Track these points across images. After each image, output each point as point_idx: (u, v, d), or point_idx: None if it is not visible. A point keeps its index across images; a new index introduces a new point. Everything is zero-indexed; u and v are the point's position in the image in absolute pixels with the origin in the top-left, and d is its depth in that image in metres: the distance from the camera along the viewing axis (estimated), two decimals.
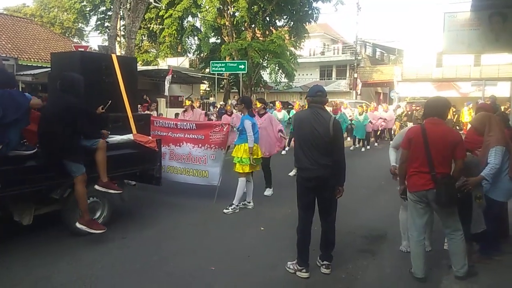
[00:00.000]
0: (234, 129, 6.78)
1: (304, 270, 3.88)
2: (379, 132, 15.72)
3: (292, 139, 9.15)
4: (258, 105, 7.16)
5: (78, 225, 4.46)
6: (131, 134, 5.27)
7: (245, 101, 6.27)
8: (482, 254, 4.19)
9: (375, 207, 6.56)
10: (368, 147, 14.28)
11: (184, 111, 9.76)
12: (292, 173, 8.91)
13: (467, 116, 18.12)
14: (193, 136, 6.53)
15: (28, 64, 17.59)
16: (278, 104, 13.64)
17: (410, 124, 16.72)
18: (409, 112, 17.12)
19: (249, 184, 6.21)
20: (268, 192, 7.12)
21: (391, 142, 5.01)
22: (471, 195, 3.93)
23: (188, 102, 9.89)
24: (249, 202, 6.22)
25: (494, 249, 4.21)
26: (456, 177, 3.70)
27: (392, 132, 16.18)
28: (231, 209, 5.94)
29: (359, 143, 14.09)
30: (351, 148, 13.54)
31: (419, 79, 29.44)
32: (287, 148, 11.64)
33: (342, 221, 4.49)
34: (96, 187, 4.65)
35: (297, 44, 26.21)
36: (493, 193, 4.04)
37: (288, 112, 13.91)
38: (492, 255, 4.16)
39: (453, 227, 3.75)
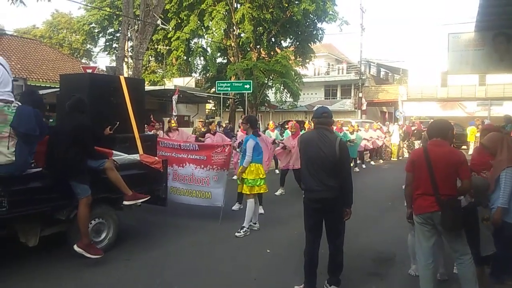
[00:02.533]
0: (237, 149, 6.78)
1: None
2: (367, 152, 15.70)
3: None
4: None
5: (76, 248, 4.40)
6: (138, 155, 5.29)
7: (250, 121, 6.25)
8: (493, 278, 4.08)
9: (382, 229, 6.47)
10: (364, 165, 14.22)
11: (168, 132, 9.06)
12: (278, 193, 8.87)
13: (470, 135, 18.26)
14: (196, 157, 6.54)
15: (37, 85, 17.84)
16: (271, 123, 13.57)
17: (417, 143, 16.71)
18: (415, 131, 17.09)
19: (255, 205, 6.15)
20: (236, 207, 7.19)
21: None
22: (477, 217, 3.87)
23: (174, 123, 9.15)
24: (255, 223, 6.15)
25: (507, 273, 4.10)
26: (461, 195, 3.66)
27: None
28: (243, 232, 5.87)
29: (351, 163, 13.92)
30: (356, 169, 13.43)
31: (424, 98, 29.49)
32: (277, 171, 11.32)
33: (349, 243, 4.43)
34: (125, 202, 4.77)
35: (304, 63, 26.44)
36: (508, 216, 3.94)
37: (282, 133, 13.63)
38: (505, 280, 4.05)
39: (461, 250, 3.67)
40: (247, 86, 20.74)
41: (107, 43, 31.80)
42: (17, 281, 3.97)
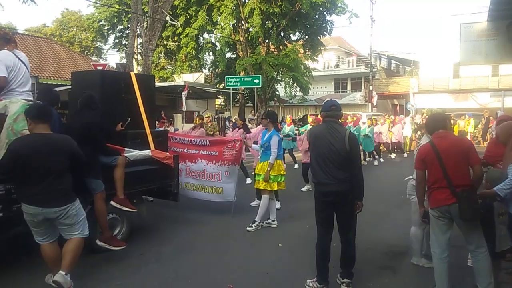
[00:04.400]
0: (255, 146, 6.74)
1: None
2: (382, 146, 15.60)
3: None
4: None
5: (98, 242, 4.48)
6: (149, 150, 5.33)
7: (271, 116, 6.19)
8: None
9: (394, 222, 6.43)
10: (382, 159, 14.16)
11: (193, 128, 9.06)
12: (304, 189, 8.89)
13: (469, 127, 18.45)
14: (207, 153, 6.57)
15: (48, 82, 18.05)
16: (288, 118, 13.72)
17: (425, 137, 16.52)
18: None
19: (272, 202, 6.12)
20: (255, 203, 7.14)
21: None
22: (492, 212, 3.82)
23: (198, 120, 9.18)
24: (273, 221, 6.10)
25: None
26: (478, 186, 3.62)
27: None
28: (254, 226, 5.88)
29: (369, 157, 13.90)
30: (364, 163, 13.38)
31: (436, 90, 29.14)
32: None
33: (361, 237, 4.42)
34: (112, 203, 4.68)
35: (313, 56, 26.28)
36: None
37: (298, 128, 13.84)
38: None
39: (476, 242, 3.64)
40: (257, 81, 20.74)
41: (117, 40, 32.01)
42: (34, 276, 4.03)
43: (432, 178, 3.66)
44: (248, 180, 9.15)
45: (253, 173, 7.14)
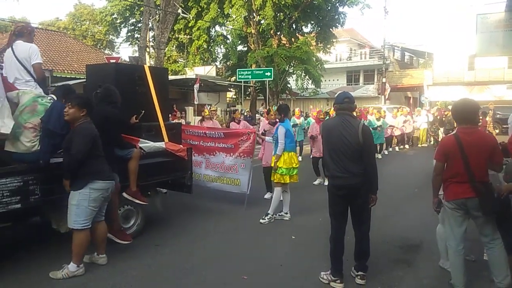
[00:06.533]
0: (269, 138, 6.72)
1: (338, 281, 3.80)
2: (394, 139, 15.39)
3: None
4: (272, 112, 7.08)
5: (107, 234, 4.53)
6: (163, 143, 5.36)
7: (282, 110, 6.14)
8: None
9: (408, 215, 6.39)
10: (386, 152, 14.05)
11: (202, 121, 8.86)
12: (316, 182, 8.86)
13: None
14: (224, 145, 6.64)
15: (62, 76, 18.28)
16: (297, 111, 13.67)
17: (441, 130, 16.33)
18: (438, 117, 16.72)
19: (285, 194, 6.11)
20: (268, 195, 7.13)
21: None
22: (510, 206, 3.76)
23: (207, 112, 9.01)
24: (286, 213, 6.10)
25: None
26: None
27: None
28: (267, 218, 5.89)
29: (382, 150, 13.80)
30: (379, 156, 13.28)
31: (451, 82, 28.66)
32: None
33: (375, 230, 4.39)
34: (124, 194, 4.74)
35: (326, 49, 26.05)
36: None
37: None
38: None
39: (491, 235, 3.61)
40: (268, 74, 20.68)
41: (129, 34, 32.18)
42: (51, 265, 4.11)
43: (452, 171, 3.61)
44: None
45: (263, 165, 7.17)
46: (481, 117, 5.59)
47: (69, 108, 3.89)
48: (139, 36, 22.20)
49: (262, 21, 24.05)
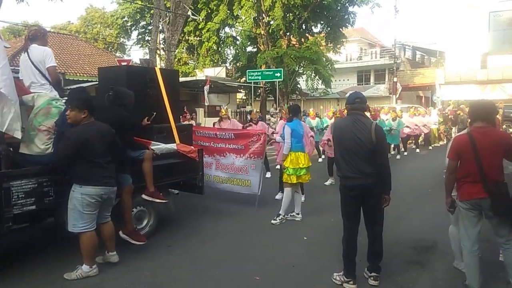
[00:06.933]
0: (279, 138, 6.72)
1: (351, 282, 3.78)
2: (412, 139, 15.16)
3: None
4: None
5: (121, 234, 4.55)
6: (174, 144, 5.39)
7: (291, 110, 6.13)
8: None
9: (422, 216, 6.32)
10: (406, 153, 13.89)
11: (220, 121, 9.09)
12: (327, 183, 8.82)
13: None
14: (234, 146, 6.65)
15: (75, 79, 18.47)
16: (312, 111, 13.66)
17: (454, 129, 16.15)
18: (451, 117, 16.52)
19: (297, 195, 6.09)
20: (279, 196, 7.06)
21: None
22: None
23: (224, 112, 9.29)
24: (298, 214, 6.08)
25: None
26: None
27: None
28: (279, 219, 5.88)
29: (394, 150, 13.62)
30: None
31: (463, 81, 28.25)
32: (322, 157, 11.93)
33: (388, 231, 4.35)
34: (143, 196, 4.79)
35: (336, 49, 25.90)
36: None
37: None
38: None
39: (507, 235, 3.55)
40: (278, 74, 20.66)
41: (140, 36, 32.38)
42: (64, 266, 4.16)
43: (465, 171, 3.57)
44: (268, 174, 9.15)
45: (277, 167, 7.14)
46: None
47: (70, 111, 3.90)
48: (149, 38, 22.40)
49: (272, 22, 24.01)
